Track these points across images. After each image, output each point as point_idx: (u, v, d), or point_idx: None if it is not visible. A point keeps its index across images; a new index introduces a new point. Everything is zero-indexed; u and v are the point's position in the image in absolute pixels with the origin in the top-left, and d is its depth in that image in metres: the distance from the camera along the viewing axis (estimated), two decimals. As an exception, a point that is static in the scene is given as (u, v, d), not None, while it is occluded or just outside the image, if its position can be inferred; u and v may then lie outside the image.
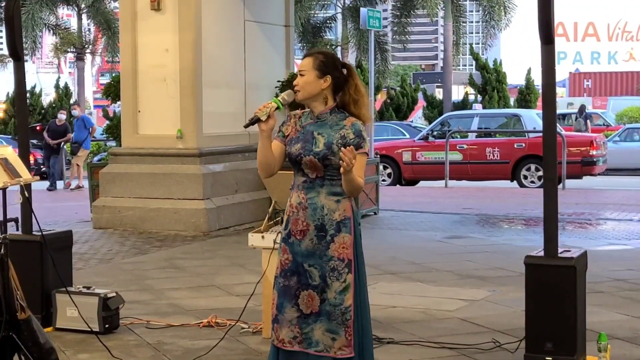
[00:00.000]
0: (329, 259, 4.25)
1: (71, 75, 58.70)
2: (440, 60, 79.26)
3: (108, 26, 38.81)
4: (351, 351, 4.24)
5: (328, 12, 44.86)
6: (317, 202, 4.26)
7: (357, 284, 4.29)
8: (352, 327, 4.24)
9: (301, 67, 4.33)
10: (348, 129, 4.25)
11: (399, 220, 13.25)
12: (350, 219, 4.29)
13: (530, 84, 32.67)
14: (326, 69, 4.30)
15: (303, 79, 4.30)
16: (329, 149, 4.23)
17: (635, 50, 70.47)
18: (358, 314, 4.28)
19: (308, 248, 4.27)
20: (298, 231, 4.29)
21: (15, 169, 4.94)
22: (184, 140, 11.97)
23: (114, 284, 8.10)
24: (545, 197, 5.41)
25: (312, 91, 4.30)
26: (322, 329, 4.24)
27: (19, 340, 4.75)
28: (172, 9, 11.98)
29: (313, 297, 4.26)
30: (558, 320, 5.28)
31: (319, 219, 4.25)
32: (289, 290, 4.29)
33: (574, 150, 19.09)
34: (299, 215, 4.29)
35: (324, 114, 4.32)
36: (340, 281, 4.24)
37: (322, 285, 4.25)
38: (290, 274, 4.30)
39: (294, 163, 4.32)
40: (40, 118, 32.73)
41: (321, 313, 4.24)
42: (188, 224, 11.67)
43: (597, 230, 12.37)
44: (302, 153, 4.26)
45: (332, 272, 4.25)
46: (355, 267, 4.29)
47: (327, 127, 4.29)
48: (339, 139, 4.24)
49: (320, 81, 4.29)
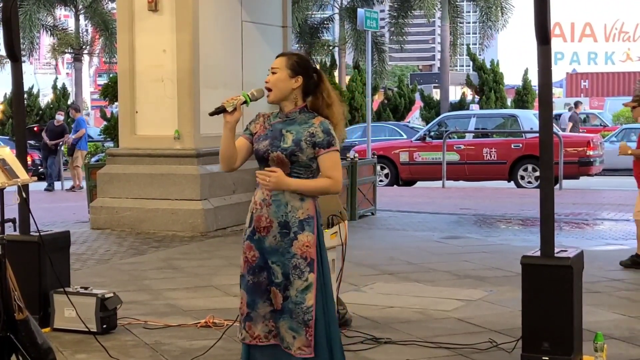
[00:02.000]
0: (292, 256, 4.27)
1: (69, 76, 58.71)
2: (437, 61, 79.29)
3: (105, 27, 38.81)
4: (311, 352, 4.25)
5: (325, 12, 44.85)
6: (282, 199, 4.29)
7: (320, 284, 4.30)
8: (313, 327, 4.25)
9: (274, 65, 4.37)
10: (317, 127, 4.30)
11: (397, 221, 13.26)
12: (314, 218, 4.33)
13: (528, 85, 32.67)
14: (299, 70, 4.35)
15: (275, 77, 4.35)
16: (297, 145, 4.28)
17: (632, 50, 70.47)
18: (322, 315, 4.28)
19: (271, 245, 4.30)
20: (262, 228, 4.31)
21: (12, 170, 4.94)
22: (181, 140, 11.97)
23: (112, 284, 8.10)
24: (542, 198, 5.42)
25: (284, 89, 4.34)
26: (285, 326, 4.28)
27: (17, 341, 4.76)
28: (169, 10, 11.98)
29: (276, 294, 4.30)
30: (555, 320, 5.30)
31: (283, 215, 4.29)
32: (259, 287, 4.32)
33: (571, 151, 19.11)
34: (262, 212, 4.32)
35: (293, 113, 4.37)
36: (302, 280, 4.26)
37: (285, 282, 4.28)
38: (259, 270, 4.33)
39: (261, 159, 4.37)
40: (37, 119, 32.70)
41: (284, 310, 4.28)
42: (186, 225, 11.68)
43: (594, 230, 12.38)
44: (270, 149, 4.31)
45: (294, 269, 4.27)
46: (319, 267, 4.30)
47: (296, 125, 4.34)
48: (307, 136, 4.29)
49: (292, 80, 4.35)
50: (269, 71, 4.39)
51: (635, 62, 67.91)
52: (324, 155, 4.29)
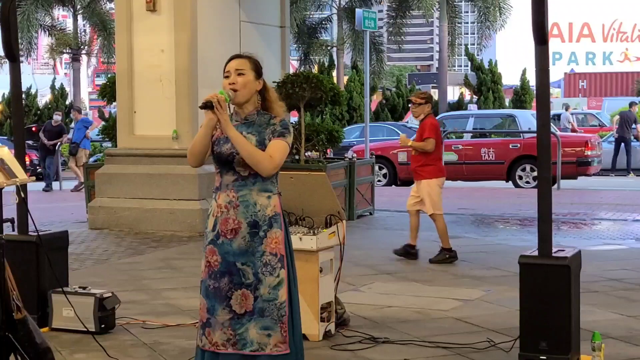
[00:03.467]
0: (262, 253, 4.30)
1: (67, 76, 58.61)
2: (435, 61, 79.26)
3: (104, 27, 38.77)
4: (287, 347, 4.29)
5: (323, 13, 44.84)
6: (249, 199, 4.33)
7: (290, 279, 4.35)
8: (287, 323, 4.29)
9: (239, 67, 4.40)
10: (277, 125, 4.38)
11: (395, 221, 13.27)
12: (280, 214, 4.38)
13: (525, 85, 32.68)
14: (260, 72, 4.46)
15: (244, 78, 4.39)
16: (262, 144, 4.33)
17: (630, 50, 70.52)
18: (291, 311, 4.33)
19: (240, 246, 4.31)
20: (228, 230, 4.33)
21: (11, 170, 4.94)
22: (179, 140, 11.98)
23: (110, 284, 8.10)
24: (540, 197, 5.43)
25: (251, 91, 4.41)
26: (256, 327, 4.28)
27: (15, 340, 4.76)
28: (167, 10, 11.99)
29: (247, 295, 4.30)
30: (552, 319, 5.31)
31: (252, 215, 4.32)
32: (219, 292, 4.33)
33: (569, 151, 19.13)
34: (229, 214, 4.34)
35: (251, 115, 4.43)
36: (274, 276, 4.30)
37: (255, 282, 4.29)
38: (220, 275, 4.33)
39: (224, 162, 4.39)
40: (35, 119, 32.67)
41: (254, 311, 4.28)
42: (184, 225, 11.68)
43: (591, 230, 12.39)
44: (235, 152, 4.33)
45: (264, 267, 4.30)
46: (288, 262, 4.35)
47: (257, 126, 4.39)
48: (269, 134, 4.35)
49: (257, 82, 4.44)
50: (229, 73, 4.39)
51: (633, 62, 67.96)
52: (274, 140, 4.34)
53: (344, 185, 13.02)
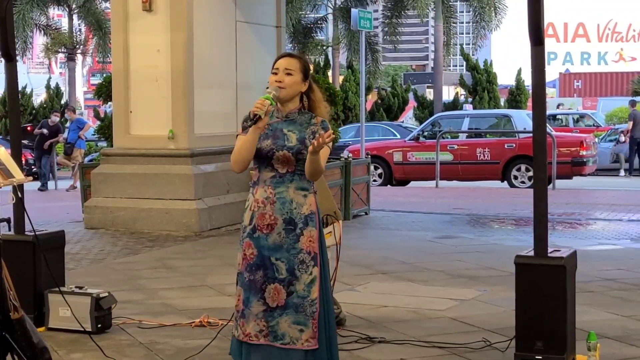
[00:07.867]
0: (298, 251, 4.36)
1: (62, 76, 58.60)
2: (430, 61, 79.36)
3: (99, 26, 38.76)
4: (316, 343, 4.35)
5: (319, 13, 44.87)
6: (286, 197, 4.38)
7: (322, 277, 4.41)
8: (317, 319, 4.35)
9: (289, 66, 4.46)
10: (318, 126, 4.43)
11: (390, 221, 13.29)
12: (316, 214, 4.43)
13: (521, 85, 32.72)
14: (307, 74, 4.52)
15: (291, 79, 4.45)
16: (303, 143, 4.38)
17: (625, 51, 70.63)
18: (324, 308, 4.40)
19: (275, 242, 4.37)
20: (265, 225, 4.38)
21: (7, 169, 4.94)
22: (175, 140, 11.98)
23: (106, 283, 8.10)
24: (535, 197, 5.44)
25: (296, 91, 4.48)
26: (288, 321, 4.34)
27: (12, 340, 4.76)
28: (163, 10, 11.99)
29: (279, 290, 4.36)
30: (548, 319, 5.32)
31: (288, 212, 4.37)
32: (254, 285, 4.39)
33: (564, 151, 19.16)
34: (266, 209, 4.39)
35: (292, 113, 4.49)
36: (307, 273, 4.36)
37: (290, 278, 4.35)
38: (256, 268, 4.39)
39: (264, 158, 4.42)
40: (31, 118, 32.67)
41: (287, 306, 4.34)
42: (180, 224, 11.69)
43: (587, 230, 12.42)
44: (275, 148, 4.39)
45: (300, 264, 4.36)
46: (321, 261, 4.41)
47: (297, 125, 4.45)
48: (310, 134, 4.40)
49: (303, 84, 4.50)
50: (277, 70, 4.45)
51: (628, 62, 68.06)
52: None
53: (339, 185, 13.04)
